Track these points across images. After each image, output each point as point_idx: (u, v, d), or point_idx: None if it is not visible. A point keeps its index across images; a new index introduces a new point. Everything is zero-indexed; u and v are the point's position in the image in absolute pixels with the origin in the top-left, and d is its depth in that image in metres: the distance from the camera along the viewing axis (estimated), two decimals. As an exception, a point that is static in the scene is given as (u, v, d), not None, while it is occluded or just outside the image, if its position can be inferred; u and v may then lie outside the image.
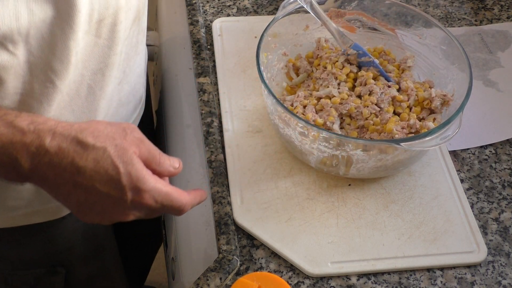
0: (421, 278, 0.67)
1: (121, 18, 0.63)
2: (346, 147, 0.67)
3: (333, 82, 0.76)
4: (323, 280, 0.66)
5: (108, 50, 0.64)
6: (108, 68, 0.65)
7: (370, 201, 0.72)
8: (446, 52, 0.77)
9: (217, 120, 0.79)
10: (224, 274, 0.65)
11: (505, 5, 0.97)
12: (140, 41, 0.72)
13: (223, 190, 0.72)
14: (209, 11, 0.94)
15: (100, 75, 0.65)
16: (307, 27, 0.83)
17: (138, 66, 0.75)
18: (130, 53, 0.70)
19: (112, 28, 0.63)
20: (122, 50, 0.67)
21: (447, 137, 0.66)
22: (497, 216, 0.72)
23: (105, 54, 0.64)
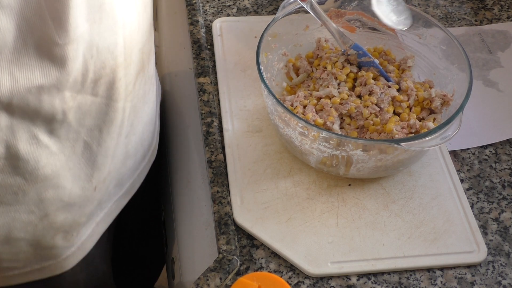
0: (421, 278, 0.67)
1: (119, 75, 0.60)
2: (346, 147, 0.67)
3: (333, 82, 0.76)
4: (323, 280, 0.66)
5: (106, 108, 0.61)
6: (106, 125, 0.63)
7: (370, 201, 0.72)
8: (446, 52, 0.77)
9: (217, 120, 0.79)
10: (224, 274, 0.65)
11: (505, 5, 0.97)
12: (147, 90, 0.70)
13: (223, 190, 0.72)
14: (209, 11, 0.94)
15: (96, 131, 0.62)
16: (307, 27, 0.83)
17: (147, 115, 0.72)
18: (137, 105, 0.67)
19: (109, 86, 0.60)
20: (126, 106, 0.64)
21: (447, 137, 0.66)
22: (497, 216, 0.72)
23: (102, 111, 0.61)
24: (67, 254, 0.69)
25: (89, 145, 0.62)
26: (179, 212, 0.81)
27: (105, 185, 0.68)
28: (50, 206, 0.63)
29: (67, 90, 0.56)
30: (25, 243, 0.64)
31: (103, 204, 0.71)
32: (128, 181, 0.74)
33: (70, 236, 0.67)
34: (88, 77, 0.57)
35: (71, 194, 0.64)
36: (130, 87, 0.64)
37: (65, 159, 0.61)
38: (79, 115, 0.59)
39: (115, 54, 0.59)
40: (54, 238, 0.66)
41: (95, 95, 0.59)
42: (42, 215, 0.63)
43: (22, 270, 0.67)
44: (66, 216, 0.65)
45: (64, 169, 0.61)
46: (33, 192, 0.60)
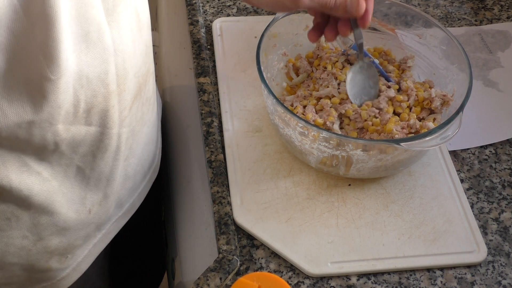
0: (421, 278, 0.67)
1: (112, 102, 0.59)
2: (346, 147, 0.67)
3: (333, 82, 0.76)
4: (323, 280, 0.66)
5: (100, 135, 0.60)
6: (100, 151, 0.61)
7: (370, 201, 0.72)
8: (446, 52, 0.77)
9: (217, 120, 0.79)
10: (224, 274, 0.65)
11: (505, 5, 0.97)
12: (145, 111, 0.68)
13: (223, 190, 0.72)
14: (209, 11, 0.94)
15: (90, 156, 0.61)
16: (307, 27, 0.83)
17: (146, 135, 0.70)
18: (135, 128, 0.66)
19: (103, 114, 0.58)
20: (122, 131, 0.63)
21: (447, 137, 0.66)
22: (497, 216, 0.72)
23: (96, 139, 0.60)
24: (62, 275, 0.68)
25: (82, 169, 0.61)
26: (179, 212, 0.81)
27: (102, 208, 0.67)
28: (44, 231, 0.62)
29: (60, 123, 0.55)
30: (19, 267, 0.64)
31: (101, 226, 0.70)
32: (128, 201, 0.73)
33: (65, 258, 0.67)
34: (80, 107, 0.56)
35: (66, 219, 0.63)
36: (125, 112, 0.62)
37: (58, 185, 0.60)
38: (73, 144, 0.58)
39: (106, 82, 0.57)
40: (49, 262, 0.65)
41: (89, 124, 0.58)
42: (36, 240, 0.62)
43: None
44: (61, 240, 0.64)
45: (57, 194, 0.61)
46: (26, 218, 0.60)
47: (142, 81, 0.64)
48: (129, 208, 0.74)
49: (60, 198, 0.61)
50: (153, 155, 0.76)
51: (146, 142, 0.71)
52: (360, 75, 0.75)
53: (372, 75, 0.75)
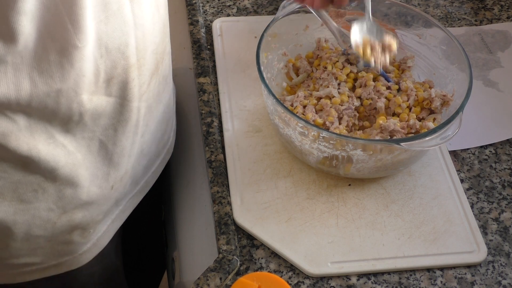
0: (421, 278, 0.67)
1: (132, 75, 0.60)
2: (346, 147, 0.67)
3: (333, 82, 0.76)
4: (323, 280, 0.66)
5: (120, 107, 0.62)
6: (121, 124, 0.63)
7: (370, 201, 0.72)
8: (446, 52, 0.77)
9: (217, 120, 0.79)
10: (224, 274, 0.65)
11: (505, 5, 0.97)
12: (162, 89, 0.69)
13: (223, 190, 0.72)
14: (209, 11, 0.94)
15: (111, 130, 0.63)
16: (307, 27, 0.83)
17: (162, 114, 0.72)
18: (152, 105, 0.67)
19: (123, 86, 0.60)
20: (141, 105, 0.64)
21: (447, 137, 0.66)
22: (497, 216, 0.72)
23: (116, 111, 0.62)
24: (83, 249, 0.70)
25: (104, 144, 0.63)
26: (179, 212, 0.81)
27: (122, 183, 0.69)
28: (68, 204, 0.63)
29: (84, 93, 0.57)
30: (44, 239, 0.65)
31: (119, 202, 0.71)
32: (142, 179, 0.75)
33: (87, 233, 0.68)
34: (100, 76, 0.58)
35: (89, 193, 0.65)
36: (144, 87, 0.64)
37: (82, 158, 0.62)
38: (95, 115, 0.60)
39: (126, 54, 0.59)
40: (72, 235, 0.67)
41: (109, 95, 0.60)
42: (61, 213, 0.64)
43: (40, 266, 0.68)
44: (84, 214, 0.66)
45: (81, 168, 0.62)
46: (52, 190, 0.61)
47: (160, 59, 0.66)
48: (144, 186, 0.76)
49: (84, 171, 0.63)
50: (168, 135, 0.78)
51: (160, 121, 0.72)
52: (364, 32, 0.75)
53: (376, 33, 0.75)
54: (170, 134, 0.79)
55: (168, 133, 0.78)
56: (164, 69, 0.69)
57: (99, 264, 0.74)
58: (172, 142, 0.81)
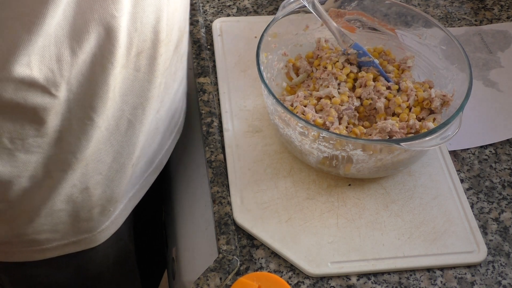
0: (421, 278, 0.67)
1: (161, 51, 0.62)
2: (346, 147, 0.67)
3: (333, 82, 0.76)
4: (323, 280, 0.66)
5: (147, 84, 0.63)
6: (149, 102, 0.64)
7: (370, 201, 0.72)
8: (446, 52, 0.77)
9: (217, 120, 0.79)
10: (224, 274, 0.65)
11: (505, 5, 0.97)
12: (178, 68, 0.71)
13: (223, 190, 0.72)
14: (209, 11, 0.94)
15: (140, 109, 0.64)
16: (307, 27, 0.83)
17: (176, 92, 0.73)
18: (168, 82, 0.68)
19: (151, 61, 0.61)
20: (162, 81, 0.65)
21: (447, 137, 0.66)
22: (497, 216, 0.72)
23: (144, 88, 0.63)
24: (102, 227, 0.71)
25: (132, 123, 0.64)
26: (179, 212, 0.81)
27: (140, 161, 0.70)
28: (90, 180, 0.65)
29: (118, 65, 0.58)
30: (65, 213, 0.66)
31: (135, 180, 0.73)
32: (157, 157, 0.76)
33: (107, 211, 0.69)
34: (132, 50, 0.59)
35: (111, 169, 0.66)
36: (167, 63, 0.65)
37: (108, 135, 0.63)
38: (124, 91, 0.61)
39: (157, 29, 0.60)
40: (92, 211, 0.68)
41: (138, 70, 0.61)
42: (83, 188, 0.65)
43: (60, 242, 0.69)
44: (105, 190, 0.67)
45: (106, 144, 0.63)
46: (79, 168, 0.63)
47: (181, 36, 0.68)
48: (158, 164, 0.77)
49: (109, 148, 0.64)
50: (179, 113, 0.79)
51: (173, 99, 0.73)
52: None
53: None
54: (181, 113, 0.80)
55: (179, 112, 0.79)
56: (182, 47, 0.70)
57: (115, 245, 0.76)
58: (182, 122, 0.82)
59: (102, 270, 0.77)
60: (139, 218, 0.92)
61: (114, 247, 0.76)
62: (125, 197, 0.72)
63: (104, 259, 0.76)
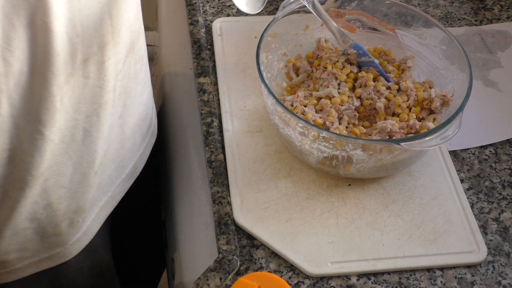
0: (421, 278, 0.67)
1: (108, 54, 0.60)
2: (346, 147, 0.67)
3: (333, 82, 0.76)
4: (323, 280, 0.66)
5: (99, 90, 0.61)
6: (103, 108, 0.62)
7: (370, 201, 0.72)
8: (446, 52, 0.77)
9: (217, 120, 0.79)
10: (224, 274, 0.65)
11: (505, 5, 0.97)
12: (139, 70, 0.69)
13: (223, 190, 0.72)
14: (209, 11, 0.94)
15: (95, 116, 0.62)
16: (307, 27, 0.83)
17: (140, 95, 0.72)
18: (128, 86, 0.67)
19: (99, 66, 0.59)
20: (116, 85, 0.63)
21: (447, 137, 0.66)
22: (497, 216, 0.72)
23: (96, 94, 0.61)
24: (73, 240, 0.69)
25: (88, 131, 0.62)
26: (179, 212, 0.81)
27: (105, 168, 0.68)
28: (52, 195, 0.63)
29: (61, 74, 0.56)
30: (31, 231, 0.65)
31: (105, 188, 0.71)
32: (129, 164, 0.74)
33: (76, 222, 0.68)
34: (77, 57, 0.57)
35: (73, 180, 0.64)
36: (119, 66, 0.63)
37: (64, 147, 0.61)
38: (74, 100, 0.59)
39: (101, 32, 0.58)
40: (60, 226, 0.67)
41: (87, 77, 0.59)
42: (46, 204, 0.63)
43: (32, 259, 0.68)
44: (70, 202, 0.66)
45: (63, 156, 0.62)
46: (37, 185, 0.61)
47: (135, 37, 0.65)
48: (132, 171, 0.75)
49: (67, 161, 0.62)
50: (150, 117, 0.78)
51: (141, 102, 0.72)
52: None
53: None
54: (152, 116, 0.79)
55: (150, 115, 0.78)
56: (140, 49, 0.68)
57: (89, 258, 0.74)
58: (155, 125, 0.81)
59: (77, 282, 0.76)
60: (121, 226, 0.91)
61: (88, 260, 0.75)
62: (95, 206, 0.70)
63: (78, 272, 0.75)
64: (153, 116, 0.80)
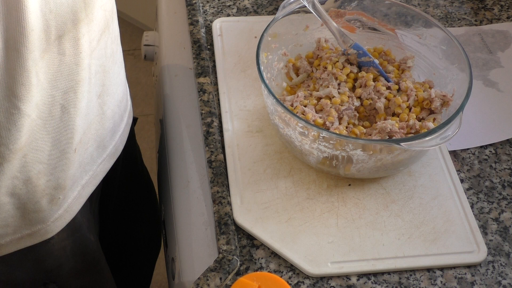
0: (421, 278, 0.67)
1: (83, 31, 0.61)
2: (346, 147, 0.67)
3: (333, 82, 0.76)
4: (323, 280, 0.66)
5: (75, 67, 0.62)
6: (79, 85, 0.63)
7: (370, 201, 0.72)
8: (446, 52, 0.77)
9: (217, 120, 0.79)
10: (224, 274, 0.65)
11: (505, 5, 0.97)
12: (115, 50, 0.71)
13: (223, 190, 0.72)
14: (209, 11, 0.94)
15: (72, 93, 0.63)
16: (307, 27, 0.83)
17: (118, 76, 0.73)
18: (106, 65, 0.68)
19: (74, 43, 0.61)
20: (91, 63, 0.65)
21: (447, 137, 0.66)
22: (497, 216, 0.72)
23: (73, 71, 0.62)
24: (54, 217, 0.70)
25: (66, 108, 0.63)
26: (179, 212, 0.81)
27: (84, 146, 0.69)
28: (32, 170, 0.64)
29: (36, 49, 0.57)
30: (12, 207, 0.65)
31: (87, 167, 0.72)
32: (110, 144, 0.76)
33: (57, 199, 0.69)
34: (51, 33, 0.58)
35: (51, 157, 0.65)
36: (94, 43, 0.64)
37: (42, 123, 0.62)
38: (51, 76, 0.60)
39: (75, 9, 0.59)
40: (40, 202, 0.67)
41: (62, 54, 0.60)
42: (25, 179, 0.64)
43: (13, 236, 0.68)
44: (49, 178, 0.66)
45: (41, 132, 0.62)
46: (16, 160, 0.62)
47: (109, 17, 0.67)
48: (113, 151, 0.77)
49: (45, 136, 0.63)
50: (125, 97, 0.79)
51: (118, 83, 0.73)
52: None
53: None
54: (127, 97, 0.81)
55: (126, 96, 0.79)
56: (114, 29, 0.70)
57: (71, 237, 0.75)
58: (131, 105, 0.83)
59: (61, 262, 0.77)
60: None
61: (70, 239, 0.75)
62: (76, 184, 0.71)
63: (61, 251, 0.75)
64: (128, 97, 0.82)
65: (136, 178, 0.99)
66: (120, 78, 0.75)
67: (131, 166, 0.94)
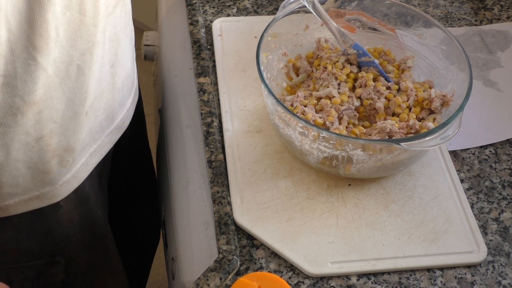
0: (421, 278, 0.67)
1: None
2: (346, 147, 0.67)
3: (333, 82, 0.76)
4: (323, 280, 0.66)
5: (93, 28, 0.64)
6: (95, 47, 0.65)
7: (370, 201, 0.72)
8: (446, 52, 0.77)
9: (217, 120, 0.79)
10: (224, 274, 0.65)
11: (505, 5, 0.97)
12: (127, 23, 0.73)
13: (223, 190, 0.72)
14: (209, 11, 0.94)
15: (88, 54, 0.65)
16: (307, 27, 0.83)
17: (128, 50, 0.75)
18: (119, 34, 0.70)
19: (94, 4, 0.62)
20: (106, 27, 0.66)
21: (447, 137, 0.66)
22: (497, 216, 0.72)
23: (90, 32, 0.64)
24: (63, 180, 0.71)
25: (82, 69, 0.65)
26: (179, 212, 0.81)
27: (95, 112, 0.71)
28: (44, 128, 0.65)
29: (58, 4, 0.58)
30: (23, 165, 0.66)
31: (96, 135, 0.74)
32: (118, 116, 0.77)
33: (66, 161, 0.70)
34: None
35: (64, 117, 0.66)
36: (110, 8, 0.66)
37: (59, 81, 0.63)
38: (71, 35, 0.61)
39: None
40: (50, 162, 0.68)
41: (83, 14, 0.61)
42: (38, 137, 0.65)
43: (22, 197, 0.69)
44: (60, 139, 0.67)
45: (57, 91, 0.64)
46: (30, 114, 0.63)
47: None
48: (120, 124, 0.79)
49: (61, 95, 0.64)
50: (134, 75, 0.81)
51: (129, 57, 0.75)
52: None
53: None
54: (134, 75, 0.82)
55: (134, 73, 0.81)
56: (128, 3, 0.72)
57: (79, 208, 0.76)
58: (137, 84, 0.85)
59: (69, 233, 0.78)
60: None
61: (78, 211, 0.77)
62: (85, 151, 0.73)
63: (69, 222, 0.77)
64: (135, 75, 0.83)
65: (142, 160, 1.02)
66: (130, 53, 0.77)
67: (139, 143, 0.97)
